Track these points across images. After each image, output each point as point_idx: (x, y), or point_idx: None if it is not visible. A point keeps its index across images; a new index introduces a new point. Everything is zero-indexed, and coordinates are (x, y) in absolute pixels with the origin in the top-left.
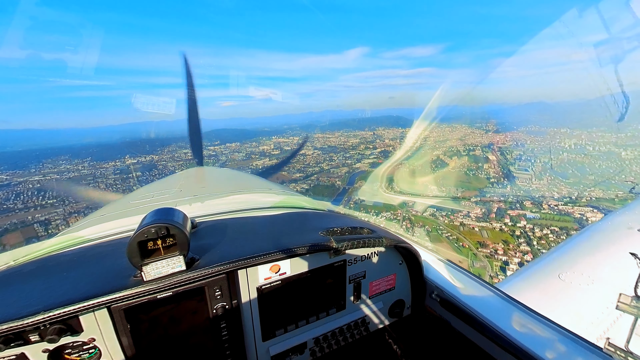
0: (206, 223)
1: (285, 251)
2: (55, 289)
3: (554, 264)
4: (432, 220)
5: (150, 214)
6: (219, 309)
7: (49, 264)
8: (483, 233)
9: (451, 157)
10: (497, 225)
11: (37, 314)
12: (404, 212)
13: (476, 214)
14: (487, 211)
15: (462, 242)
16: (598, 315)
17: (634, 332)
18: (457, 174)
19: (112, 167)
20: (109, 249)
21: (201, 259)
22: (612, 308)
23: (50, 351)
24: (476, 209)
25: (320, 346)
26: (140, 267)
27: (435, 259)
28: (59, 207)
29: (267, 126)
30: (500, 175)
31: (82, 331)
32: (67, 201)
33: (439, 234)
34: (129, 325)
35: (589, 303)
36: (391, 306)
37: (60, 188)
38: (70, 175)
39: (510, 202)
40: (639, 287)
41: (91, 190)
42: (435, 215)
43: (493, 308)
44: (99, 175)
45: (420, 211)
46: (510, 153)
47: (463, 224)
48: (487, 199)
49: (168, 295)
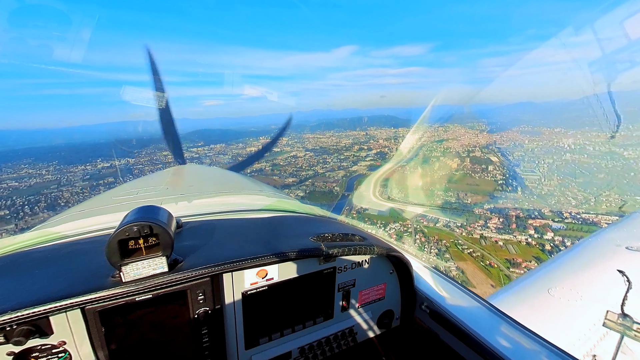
0: (192, 223)
1: (273, 256)
2: (25, 287)
3: (544, 278)
4: (448, 232)
5: (133, 212)
6: (201, 314)
7: (20, 260)
8: (509, 248)
9: (452, 159)
10: (521, 238)
11: (4, 314)
12: (415, 222)
13: (495, 224)
14: (505, 220)
15: (488, 259)
16: (585, 331)
17: (620, 349)
18: (462, 176)
19: (81, 172)
20: (86, 247)
21: (185, 261)
22: (600, 325)
23: (16, 354)
24: (493, 218)
25: (306, 356)
26: (119, 267)
27: (425, 269)
28: (11, 222)
29: (254, 126)
30: (507, 178)
31: (52, 333)
32: (21, 214)
33: (460, 249)
34: (104, 328)
35: (577, 319)
36: (380, 316)
37: (16, 195)
38: (31, 181)
39: (527, 209)
40: (625, 305)
41: (53, 200)
42: (450, 227)
43: (482, 321)
44: (65, 182)
45: (432, 221)
46: (512, 154)
47: (484, 236)
48: (501, 205)
49: (147, 297)
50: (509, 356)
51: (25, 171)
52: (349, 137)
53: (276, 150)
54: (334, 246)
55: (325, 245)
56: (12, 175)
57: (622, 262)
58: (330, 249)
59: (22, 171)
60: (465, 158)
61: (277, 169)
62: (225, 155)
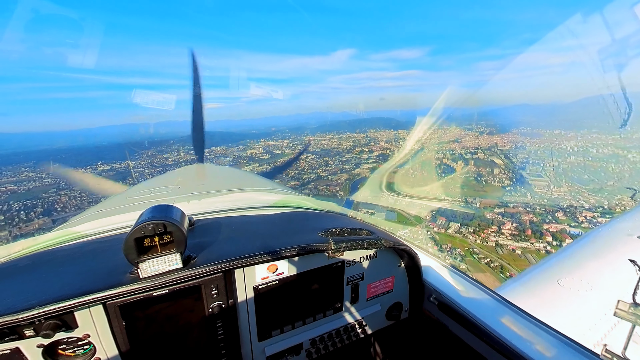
0: (204, 221)
1: (282, 251)
2: (51, 284)
3: (553, 269)
4: (461, 240)
5: (147, 211)
6: (215, 308)
7: (45, 259)
8: (528, 257)
9: (456, 162)
10: (539, 245)
11: (32, 309)
12: (424, 228)
13: (509, 230)
14: (519, 225)
15: (508, 270)
16: (596, 321)
17: (631, 339)
18: (467, 180)
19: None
20: (105, 245)
21: (198, 257)
22: (610, 315)
23: (45, 346)
24: (507, 224)
25: (317, 347)
26: (136, 264)
27: (433, 261)
28: (5, 228)
29: (254, 129)
30: (514, 182)
31: (77, 327)
32: (16, 220)
33: (476, 259)
34: (124, 322)
35: (587, 309)
36: (389, 309)
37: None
38: (30, 185)
39: (539, 214)
40: (637, 294)
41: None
42: (462, 233)
43: (491, 312)
44: (64, 186)
45: (443, 227)
46: (515, 156)
47: (499, 244)
48: (512, 210)
49: (164, 292)
50: (518, 346)
51: (25, 174)
52: (349, 140)
53: (277, 152)
54: (341, 240)
55: (333, 240)
56: (12, 179)
57: (634, 251)
58: (338, 244)
59: (22, 174)
60: (470, 161)
61: (279, 171)
62: (226, 158)
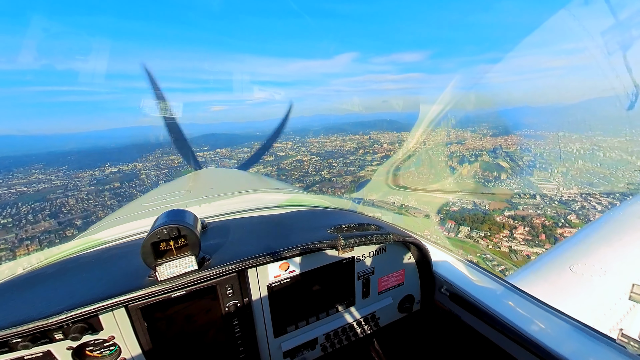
0: (216, 223)
1: (293, 249)
2: (76, 289)
3: (565, 255)
4: (472, 245)
5: (162, 216)
6: (231, 307)
7: (70, 266)
8: None
9: (461, 164)
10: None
11: (61, 314)
12: (434, 232)
13: (522, 235)
14: (531, 229)
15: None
16: (611, 306)
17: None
18: (475, 183)
19: (88, 177)
20: (124, 251)
21: (212, 259)
22: (625, 299)
23: (74, 349)
24: (519, 227)
25: (331, 342)
26: (154, 267)
27: (443, 253)
28: (12, 230)
29: (259, 130)
30: (522, 186)
31: (102, 329)
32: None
33: (490, 267)
34: (146, 323)
35: (602, 294)
36: (401, 301)
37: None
38: (39, 186)
39: (551, 216)
40: None
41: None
42: (474, 237)
43: (503, 301)
44: (72, 187)
45: (452, 231)
46: (521, 159)
47: (513, 250)
48: (522, 212)
49: (182, 294)
50: (531, 333)
51: (35, 176)
52: (352, 141)
53: (281, 154)
54: (350, 236)
55: (342, 236)
56: (22, 180)
57: None
58: (347, 240)
59: (33, 176)
60: (475, 163)
61: (283, 173)
62: (231, 160)
